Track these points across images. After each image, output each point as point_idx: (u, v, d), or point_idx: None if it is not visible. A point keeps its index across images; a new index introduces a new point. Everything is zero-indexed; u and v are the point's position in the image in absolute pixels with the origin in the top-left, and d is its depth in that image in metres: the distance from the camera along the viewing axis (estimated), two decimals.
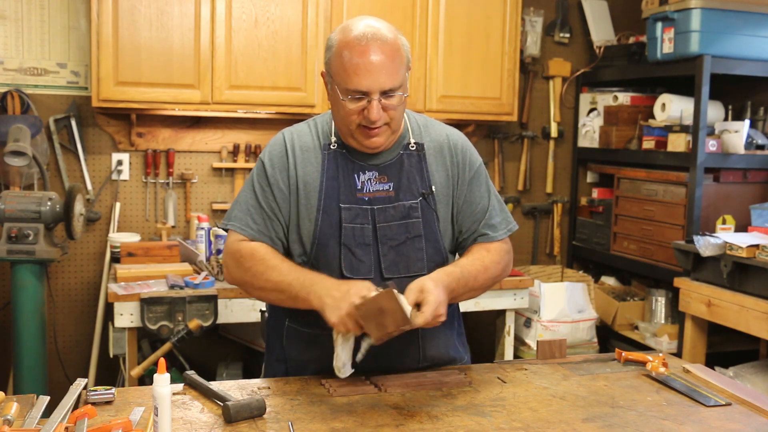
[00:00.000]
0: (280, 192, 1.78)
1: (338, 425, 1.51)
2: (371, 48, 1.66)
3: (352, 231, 1.75)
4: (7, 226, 3.04)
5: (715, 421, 1.58)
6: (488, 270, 1.81)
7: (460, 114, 3.85)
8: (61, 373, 3.65)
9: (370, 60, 1.65)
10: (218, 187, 3.87)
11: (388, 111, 1.70)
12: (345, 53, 1.67)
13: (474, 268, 1.79)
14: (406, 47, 1.75)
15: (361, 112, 1.69)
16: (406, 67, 1.73)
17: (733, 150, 3.57)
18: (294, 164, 1.79)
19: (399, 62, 1.70)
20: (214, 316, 3.04)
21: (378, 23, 1.72)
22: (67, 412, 1.47)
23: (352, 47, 1.66)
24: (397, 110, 1.72)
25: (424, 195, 1.81)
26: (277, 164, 1.80)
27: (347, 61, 1.66)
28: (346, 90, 1.68)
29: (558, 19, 4.39)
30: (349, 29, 1.70)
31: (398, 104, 1.71)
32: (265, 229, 1.78)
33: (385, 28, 1.71)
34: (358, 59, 1.65)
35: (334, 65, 1.70)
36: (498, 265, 1.85)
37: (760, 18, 3.60)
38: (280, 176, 1.79)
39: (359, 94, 1.67)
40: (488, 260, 1.83)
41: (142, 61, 3.33)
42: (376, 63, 1.65)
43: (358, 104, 1.68)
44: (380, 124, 1.71)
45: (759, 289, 3.06)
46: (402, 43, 1.73)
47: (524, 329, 3.89)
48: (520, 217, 4.45)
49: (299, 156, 1.80)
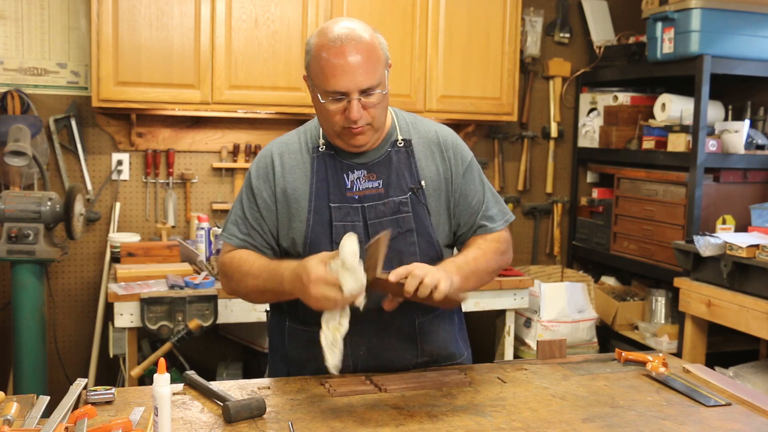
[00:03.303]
0: (264, 202, 1.83)
1: (338, 425, 1.51)
2: (347, 48, 1.67)
3: (343, 229, 1.78)
4: (7, 226, 3.04)
5: (715, 421, 1.58)
6: (487, 254, 1.84)
7: (460, 114, 3.85)
8: (61, 373, 3.65)
9: (347, 60, 1.67)
10: (218, 187, 3.87)
11: (369, 110, 1.72)
12: (322, 55, 1.69)
13: (473, 254, 1.82)
14: (384, 45, 1.76)
15: (343, 113, 1.71)
16: (384, 65, 1.74)
17: (733, 150, 3.57)
18: (281, 173, 1.82)
19: (376, 60, 1.71)
20: (214, 316, 3.04)
21: (353, 23, 1.73)
22: (67, 412, 1.47)
23: (329, 49, 1.68)
24: (377, 108, 1.74)
25: (413, 190, 1.83)
26: (262, 175, 1.84)
27: (325, 63, 1.68)
28: (325, 92, 1.70)
29: (558, 19, 4.39)
30: (325, 32, 1.72)
31: (378, 102, 1.73)
32: (249, 238, 1.84)
33: (361, 28, 1.72)
34: (335, 60, 1.67)
35: (313, 68, 1.73)
36: (496, 252, 1.87)
37: (760, 18, 3.60)
38: (264, 187, 1.83)
39: (339, 94, 1.69)
40: (485, 246, 1.86)
41: (142, 61, 3.33)
42: (352, 63, 1.67)
43: (338, 105, 1.70)
44: (362, 123, 1.72)
45: (759, 289, 3.06)
46: (379, 41, 1.75)
47: (524, 329, 3.89)
48: (520, 217, 4.45)
49: (287, 164, 1.83)
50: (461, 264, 1.77)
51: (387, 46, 1.78)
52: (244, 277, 1.79)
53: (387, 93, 1.75)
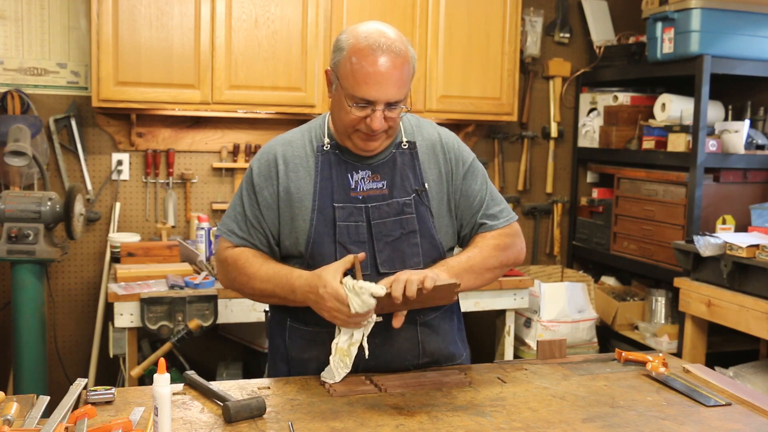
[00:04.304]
0: (265, 200, 1.83)
1: (338, 425, 1.51)
2: (383, 59, 1.67)
3: (346, 229, 1.78)
4: (7, 226, 3.04)
5: (715, 421, 1.58)
6: (483, 251, 1.85)
7: (460, 114, 3.85)
8: (61, 373, 3.65)
9: (380, 71, 1.66)
10: (218, 187, 3.87)
11: (389, 121, 1.73)
12: (355, 59, 1.68)
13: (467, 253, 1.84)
14: (414, 58, 1.76)
15: (363, 119, 1.72)
16: (411, 79, 1.75)
17: (733, 150, 3.57)
18: (284, 171, 1.82)
19: (407, 75, 1.72)
20: (214, 316, 3.04)
21: (390, 31, 1.72)
22: (67, 412, 1.47)
23: (365, 55, 1.67)
24: (396, 120, 1.76)
25: (417, 192, 1.84)
26: (264, 173, 1.84)
27: (357, 69, 1.67)
28: (352, 97, 1.70)
29: (558, 19, 4.39)
30: (361, 35, 1.70)
31: (399, 115, 1.75)
32: (249, 236, 1.85)
33: (398, 39, 1.71)
34: (369, 68, 1.66)
35: (342, 69, 1.71)
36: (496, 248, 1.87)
37: (760, 18, 3.60)
38: (265, 185, 1.83)
39: (365, 102, 1.69)
40: (482, 243, 1.87)
41: (142, 61, 3.33)
42: (386, 74, 1.67)
43: (362, 112, 1.71)
44: (380, 132, 1.74)
45: (759, 289, 3.06)
46: (411, 54, 1.75)
47: (524, 329, 3.89)
48: (520, 217, 4.44)
49: (290, 162, 1.83)
50: (452, 264, 1.80)
51: (417, 59, 1.78)
52: (249, 279, 1.80)
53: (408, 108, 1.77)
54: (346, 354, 1.70)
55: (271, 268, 1.79)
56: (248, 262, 1.81)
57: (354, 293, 1.61)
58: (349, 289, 1.61)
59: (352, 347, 1.70)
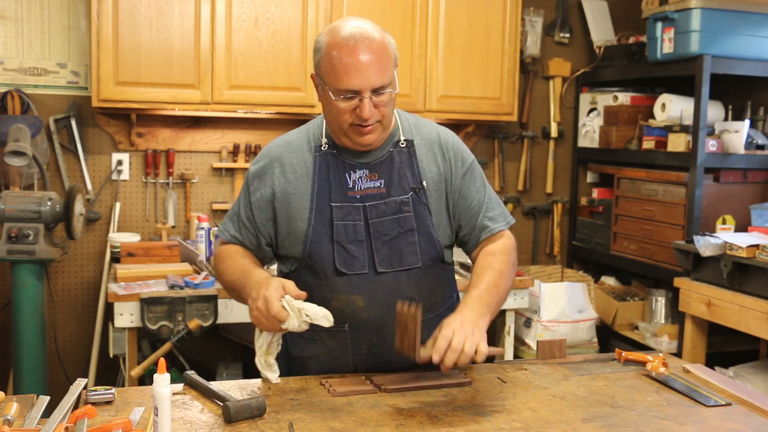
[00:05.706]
0: (257, 201, 1.86)
1: (338, 425, 1.51)
2: (360, 47, 1.69)
3: (344, 228, 1.79)
4: (7, 226, 3.04)
5: (715, 421, 1.58)
6: (503, 274, 1.82)
7: (460, 114, 3.85)
8: (61, 373, 3.65)
9: (359, 59, 1.68)
10: (218, 187, 3.87)
11: (379, 108, 1.74)
12: (334, 54, 1.70)
13: (491, 277, 1.79)
14: (393, 45, 1.78)
15: (354, 111, 1.73)
16: (393, 64, 1.76)
17: (733, 150, 3.57)
18: (281, 172, 1.84)
19: (387, 60, 1.73)
20: (214, 316, 3.04)
21: (364, 23, 1.75)
22: (67, 412, 1.47)
23: (341, 47, 1.69)
24: (387, 107, 1.76)
25: (415, 190, 1.84)
26: (260, 174, 1.87)
27: (337, 62, 1.69)
28: (337, 90, 1.71)
29: (558, 19, 4.39)
30: (336, 30, 1.73)
31: (389, 101, 1.75)
32: (239, 234, 1.90)
33: (372, 28, 1.74)
34: (348, 59, 1.68)
35: (324, 67, 1.74)
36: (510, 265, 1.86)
37: (760, 18, 3.60)
38: (260, 185, 1.86)
39: (351, 93, 1.70)
40: (498, 264, 1.83)
41: (142, 61, 3.33)
42: (365, 62, 1.68)
43: (350, 103, 1.72)
44: (372, 121, 1.74)
45: (759, 289, 3.06)
46: (389, 41, 1.77)
47: (524, 329, 3.89)
48: (520, 217, 4.45)
49: (288, 163, 1.84)
50: (486, 297, 1.74)
51: (396, 45, 1.80)
52: (223, 271, 1.87)
53: (396, 92, 1.77)
54: (268, 353, 1.71)
55: (241, 264, 1.83)
56: (226, 255, 1.88)
57: (294, 313, 1.61)
58: (291, 308, 1.61)
59: (272, 346, 1.71)
